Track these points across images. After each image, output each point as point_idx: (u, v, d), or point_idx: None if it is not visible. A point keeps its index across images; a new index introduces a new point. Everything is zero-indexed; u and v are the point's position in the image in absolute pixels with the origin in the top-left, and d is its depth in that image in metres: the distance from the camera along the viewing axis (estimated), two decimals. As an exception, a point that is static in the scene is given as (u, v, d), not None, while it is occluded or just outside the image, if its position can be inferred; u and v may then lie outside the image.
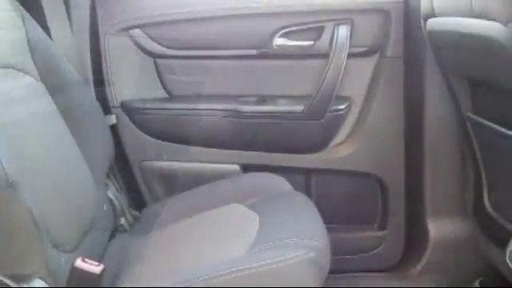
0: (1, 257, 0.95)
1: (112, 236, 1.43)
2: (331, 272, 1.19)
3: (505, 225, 1.40)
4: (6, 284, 0.95)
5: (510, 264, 0.92)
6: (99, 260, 1.15)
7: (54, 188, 1.12)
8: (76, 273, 1.01)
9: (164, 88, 1.74)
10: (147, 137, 1.72)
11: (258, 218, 1.28)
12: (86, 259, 1.04)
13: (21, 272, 0.97)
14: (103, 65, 1.67)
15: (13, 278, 0.96)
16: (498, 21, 1.03)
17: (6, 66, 1.16)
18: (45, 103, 1.28)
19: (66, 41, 1.56)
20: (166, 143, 1.72)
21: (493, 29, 1.04)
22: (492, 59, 1.11)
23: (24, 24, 1.31)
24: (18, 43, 1.27)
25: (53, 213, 1.06)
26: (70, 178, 1.25)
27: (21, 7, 1.32)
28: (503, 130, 1.27)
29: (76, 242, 1.15)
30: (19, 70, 1.22)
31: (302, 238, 1.11)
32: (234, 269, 1.01)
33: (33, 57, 1.29)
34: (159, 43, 1.69)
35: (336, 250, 1.24)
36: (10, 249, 0.97)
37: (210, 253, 1.15)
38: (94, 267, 1.02)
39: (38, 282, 0.99)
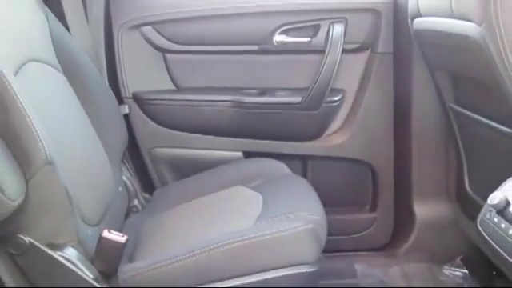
0: (39, 227, 1.05)
1: (126, 216, 1.51)
2: (327, 251, 1.25)
3: (483, 205, 1.50)
4: (43, 251, 1.06)
5: (480, 229, 1.02)
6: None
7: (79, 168, 1.21)
8: (104, 242, 1.11)
9: (172, 80, 1.80)
10: (157, 126, 1.78)
11: (261, 198, 1.35)
12: (111, 231, 1.15)
13: (55, 241, 1.08)
14: (116, 58, 1.74)
15: (49, 246, 1.07)
16: (473, 21, 1.12)
17: (36, 60, 1.24)
18: (68, 93, 1.37)
19: (83, 35, 1.63)
20: (174, 132, 1.78)
21: (469, 28, 1.14)
22: (469, 55, 1.20)
23: (48, 21, 1.40)
24: (45, 39, 1.36)
25: (80, 190, 1.15)
26: (91, 161, 1.35)
27: (44, 6, 1.40)
28: (481, 118, 1.36)
29: (99, 217, 1.25)
30: (46, 63, 1.31)
31: (302, 213, 1.20)
32: (244, 237, 1.10)
33: (56, 51, 1.38)
34: (168, 39, 1.75)
35: (330, 231, 1.29)
36: (47, 221, 1.06)
37: (218, 227, 1.23)
38: (120, 237, 1.12)
39: (71, 250, 1.09)
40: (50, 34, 1.39)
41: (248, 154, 1.79)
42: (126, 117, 1.71)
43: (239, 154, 1.79)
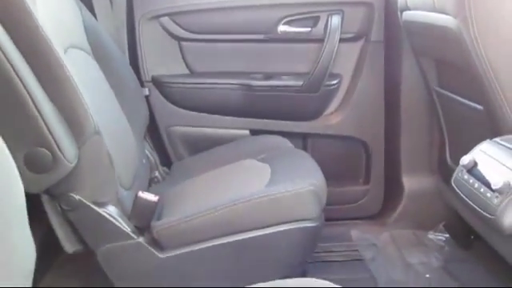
0: (87, 188, 1.21)
1: (148, 186, 1.65)
2: (326, 219, 1.39)
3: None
4: (90, 208, 1.22)
5: (454, 186, 1.19)
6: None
7: (113, 140, 1.35)
8: (139, 200, 1.29)
9: (186, 66, 1.92)
10: (173, 106, 1.90)
11: (269, 168, 1.49)
12: (145, 192, 1.33)
13: (99, 200, 1.24)
14: (137, 45, 1.85)
15: (94, 203, 1.23)
16: (451, 15, 1.29)
17: (75, 47, 1.38)
18: (99, 76, 1.51)
19: (108, 23, 1.77)
20: (189, 112, 1.91)
21: (448, 21, 1.30)
22: (449, 44, 1.36)
23: (81, 11, 1.54)
24: (79, 28, 1.50)
25: (116, 157, 1.29)
26: (121, 135, 1.50)
27: None
28: (459, 98, 1.52)
29: (130, 182, 1.41)
30: (82, 49, 1.45)
31: (305, 178, 1.35)
32: (261, 195, 1.27)
33: (88, 38, 1.52)
34: (183, 29, 1.87)
35: (328, 201, 1.41)
36: (93, 182, 1.22)
37: (233, 191, 1.36)
38: (153, 197, 1.30)
39: (112, 208, 1.26)
40: (83, 22, 1.52)
41: (254, 132, 1.91)
42: (146, 98, 1.84)
43: (247, 131, 1.91)
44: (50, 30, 1.15)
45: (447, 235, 1.83)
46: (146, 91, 1.87)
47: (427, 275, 1.65)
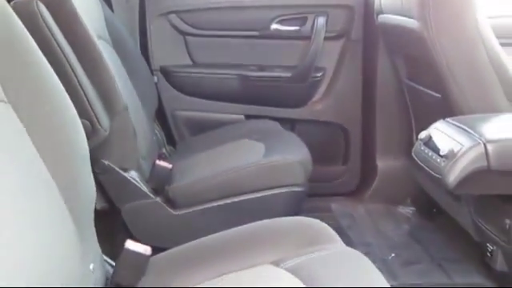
0: (115, 155, 1.43)
1: None
2: (309, 195, 1.59)
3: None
4: (117, 172, 1.44)
5: (414, 156, 1.45)
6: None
7: (133, 116, 1.54)
8: (157, 166, 1.55)
9: (190, 57, 2.11)
10: (178, 93, 2.09)
11: (263, 146, 1.66)
12: (161, 160, 1.57)
13: (124, 166, 1.46)
14: (148, 38, 2.05)
15: (120, 168, 1.45)
16: (415, 18, 1.55)
17: (100, 37, 1.57)
18: (118, 63, 1.69)
19: (123, 17, 1.95)
20: (192, 98, 2.10)
21: (413, 23, 1.56)
22: (414, 42, 1.61)
23: (101, 4, 1.73)
24: (101, 20, 1.68)
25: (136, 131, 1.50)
26: (137, 113, 1.67)
27: None
28: (423, 88, 1.75)
29: (146, 154, 1.62)
30: (104, 39, 1.63)
31: (294, 152, 1.60)
32: (253, 164, 1.52)
33: (108, 29, 1.71)
34: (189, 25, 2.07)
35: (312, 179, 1.60)
36: (120, 151, 1.44)
37: (234, 161, 1.60)
38: (168, 164, 1.56)
39: (134, 173, 1.49)
40: (104, 16, 1.71)
41: (249, 117, 2.10)
42: (155, 85, 2.04)
43: (242, 116, 2.11)
44: (85, 21, 1.35)
45: (414, 208, 2.04)
46: (155, 79, 2.06)
47: (395, 239, 1.89)
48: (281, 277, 0.95)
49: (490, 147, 1.19)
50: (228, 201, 1.51)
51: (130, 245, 1.02)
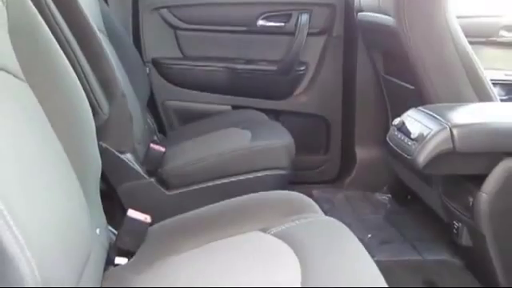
0: (112, 138, 1.50)
1: None
2: (291, 183, 1.69)
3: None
4: (114, 153, 1.53)
5: (388, 141, 1.57)
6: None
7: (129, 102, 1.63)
8: (151, 149, 1.64)
9: (180, 50, 2.20)
10: (169, 84, 2.18)
11: (250, 133, 1.76)
12: (155, 144, 1.68)
13: (120, 149, 1.55)
14: (140, 31, 2.14)
15: (117, 151, 1.54)
16: (391, 16, 1.66)
17: (98, 30, 1.60)
18: (114, 54, 1.78)
19: (118, 10, 2.04)
20: (181, 89, 2.19)
21: (389, 21, 1.68)
22: (390, 39, 1.72)
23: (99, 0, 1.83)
24: (98, 14, 1.78)
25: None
26: (131, 101, 1.74)
27: None
28: (398, 81, 1.87)
29: (140, 138, 1.72)
30: (100, 31, 1.69)
31: (279, 138, 1.72)
32: (240, 148, 1.62)
33: (104, 23, 1.81)
34: (179, 19, 2.16)
35: (294, 167, 1.68)
36: (118, 134, 1.51)
37: (224, 146, 1.69)
38: (161, 147, 1.65)
39: (130, 155, 1.57)
40: (101, 10, 1.80)
41: (236, 108, 2.19)
42: (147, 76, 2.13)
43: (229, 107, 2.20)
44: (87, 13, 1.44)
45: (390, 195, 2.15)
46: (147, 70, 2.15)
47: (372, 222, 2.00)
48: (268, 241, 1.06)
49: (455, 131, 1.31)
50: (218, 182, 1.61)
51: (132, 213, 1.12)
